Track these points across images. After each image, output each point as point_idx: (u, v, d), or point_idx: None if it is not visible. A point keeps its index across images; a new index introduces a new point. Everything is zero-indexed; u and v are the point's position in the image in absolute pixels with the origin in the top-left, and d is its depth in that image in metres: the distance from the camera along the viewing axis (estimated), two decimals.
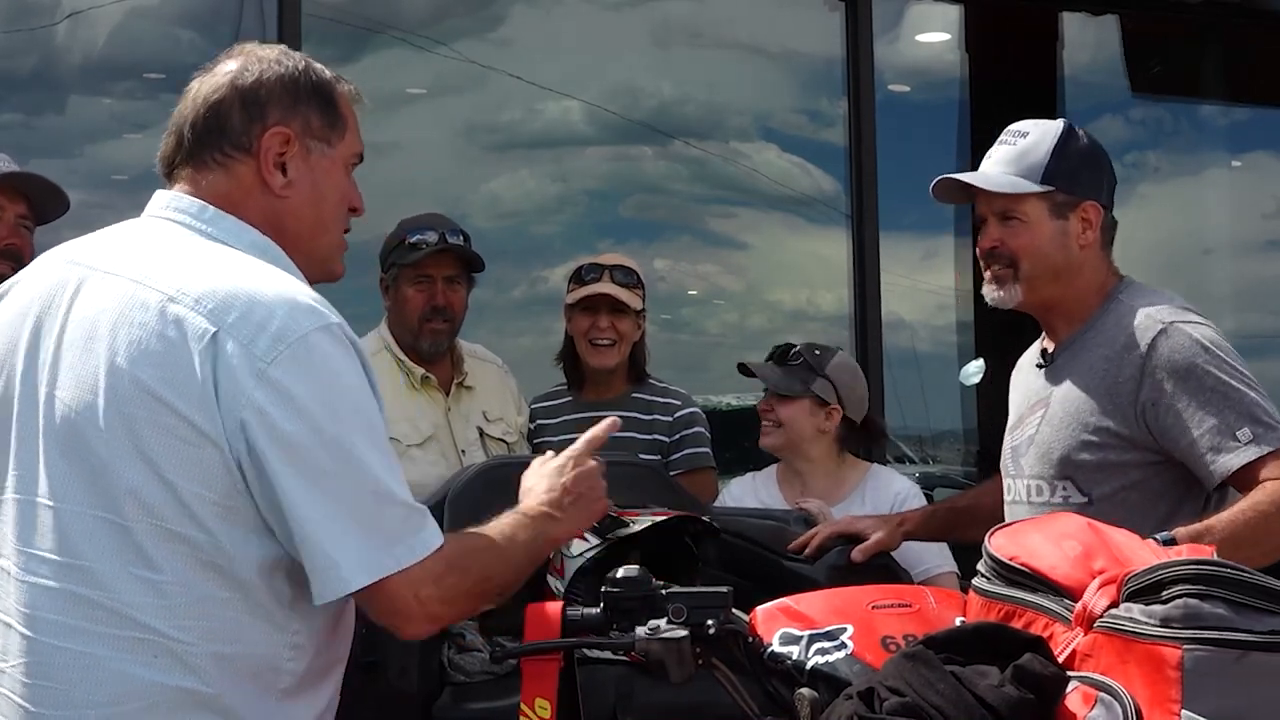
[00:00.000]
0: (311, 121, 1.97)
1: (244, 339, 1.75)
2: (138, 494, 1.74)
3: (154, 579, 1.75)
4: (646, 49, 6.36)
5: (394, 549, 1.78)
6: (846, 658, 1.98)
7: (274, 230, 1.93)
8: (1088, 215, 2.68)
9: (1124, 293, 2.71)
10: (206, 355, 1.74)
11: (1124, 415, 2.58)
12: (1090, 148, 2.73)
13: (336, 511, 1.75)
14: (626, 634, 2.02)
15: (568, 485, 2.06)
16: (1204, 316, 2.64)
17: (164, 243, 1.89)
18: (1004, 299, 2.71)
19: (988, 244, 2.72)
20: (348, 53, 5.64)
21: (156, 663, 1.75)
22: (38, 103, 5.32)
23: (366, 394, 1.82)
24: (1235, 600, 1.65)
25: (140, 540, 1.74)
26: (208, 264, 1.83)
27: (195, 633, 1.76)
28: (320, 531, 1.75)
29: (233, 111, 1.93)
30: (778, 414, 3.56)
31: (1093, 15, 6.85)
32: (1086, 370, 2.65)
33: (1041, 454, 2.69)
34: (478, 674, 2.85)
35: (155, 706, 1.74)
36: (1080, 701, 1.68)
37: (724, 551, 2.99)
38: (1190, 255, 6.95)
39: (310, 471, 1.74)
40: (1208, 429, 2.50)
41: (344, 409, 1.78)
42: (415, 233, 3.61)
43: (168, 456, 1.74)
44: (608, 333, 3.75)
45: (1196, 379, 2.52)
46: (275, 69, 1.96)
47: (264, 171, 1.93)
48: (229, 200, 1.92)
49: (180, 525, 1.75)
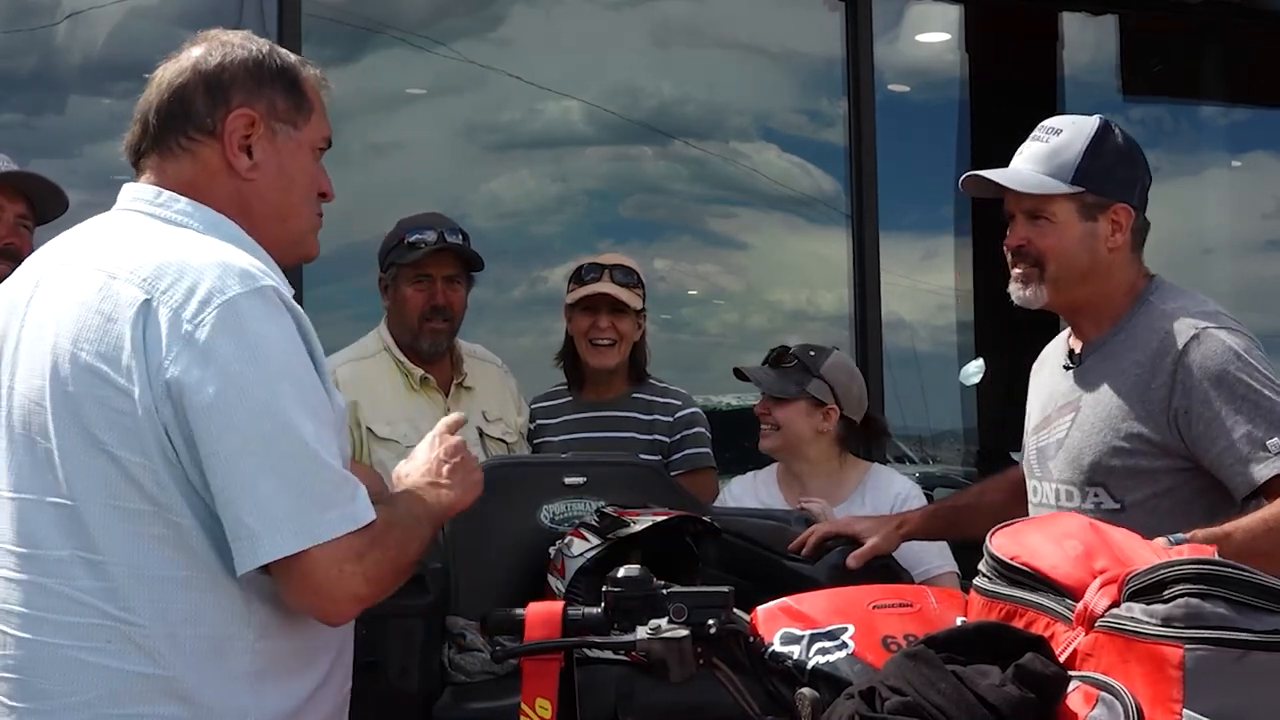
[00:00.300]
0: (277, 104, 1.96)
1: (174, 304, 1.74)
2: (86, 472, 1.74)
3: (96, 560, 1.73)
4: (646, 49, 6.37)
5: (325, 515, 1.73)
6: (847, 657, 1.97)
7: (241, 213, 1.92)
8: (1118, 218, 2.63)
9: (1154, 294, 2.66)
10: (138, 323, 1.74)
11: (1156, 422, 2.54)
12: (1125, 147, 2.67)
13: (259, 476, 1.71)
14: (627, 634, 2.02)
15: (440, 457, 2.04)
16: (1237, 321, 2.60)
17: (119, 230, 1.89)
18: (1029, 299, 2.67)
19: (1015, 242, 2.68)
20: (348, 53, 5.64)
21: (111, 648, 1.73)
22: (38, 103, 5.32)
23: (299, 358, 1.78)
24: (1237, 599, 1.64)
25: (87, 521, 1.73)
26: (151, 241, 1.83)
27: (147, 615, 1.74)
28: (241, 497, 1.71)
29: (196, 95, 1.92)
30: (775, 416, 3.56)
31: (1092, 15, 6.85)
32: (1118, 375, 2.61)
33: (1072, 459, 2.65)
34: (478, 674, 2.85)
35: (116, 694, 1.73)
36: (1081, 701, 1.67)
37: (725, 551, 2.99)
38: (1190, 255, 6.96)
39: (233, 434, 1.71)
40: (1237, 438, 2.47)
41: (271, 371, 1.74)
42: (414, 232, 3.61)
43: (108, 430, 1.73)
44: (608, 332, 3.75)
45: (1228, 387, 2.48)
46: (239, 52, 1.96)
47: (229, 154, 1.92)
48: (193, 186, 1.91)
49: (129, 500, 1.73)
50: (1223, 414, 2.48)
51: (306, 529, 1.72)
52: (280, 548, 1.71)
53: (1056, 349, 2.83)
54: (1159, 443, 2.54)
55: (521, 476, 3.17)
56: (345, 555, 1.74)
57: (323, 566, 1.73)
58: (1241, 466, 2.47)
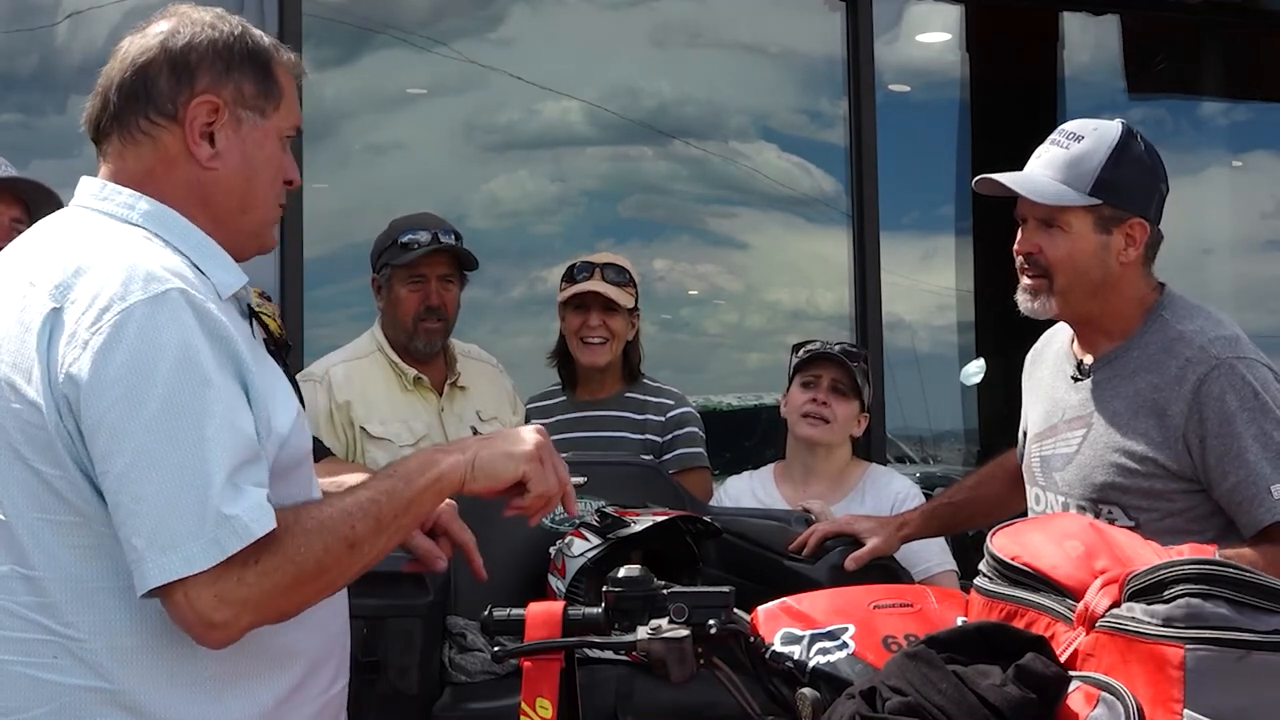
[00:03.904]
0: (244, 90, 1.87)
1: (77, 313, 1.67)
2: (14, 487, 1.69)
3: (31, 575, 1.69)
4: (646, 49, 6.37)
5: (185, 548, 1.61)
6: (848, 657, 1.98)
7: (200, 203, 1.85)
8: (1133, 232, 2.57)
9: (1167, 310, 2.61)
10: (44, 333, 1.68)
11: (1173, 449, 2.50)
12: (1147, 158, 2.60)
13: (145, 496, 1.62)
14: (628, 634, 2.02)
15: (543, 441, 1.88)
16: (1254, 348, 2.56)
17: (57, 233, 1.83)
18: (1037, 311, 2.62)
19: (1025, 248, 2.62)
20: (348, 53, 5.64)
21: (57, 664, 1.69)
22: (37, 103, 5.33)
23: (196, 367, 1.66)
24: (1237, 600, 1.65)
25: (20, 536, 1.69)
26: (75, 245, 1.77)
27: (86, 628, 1.69)
28: (129, 518, 1.63)
29: (160, 76, 1.83)
30: (834, 409, 3.58)
31: (1093, 15, 6.85)
32: (1133, 396, 2.56)
33: (1083, 476, 2.61)
34: (478, 674, 2.85)
35: (64, 709, 1.68)
36: (1082, 701, 1.68)
37: (725, 551, 3.00)
38: (1190, 254, 6.96)
39: (121, 453, 1.63)
40: (1244, 478, 2.45)
41: (161, 385, 1.63)
42: (407, 233, 3.60)
43: (27, 443, 1.68)
44: (599, 330, 3.76)
45: (1242, 425, 2.46)
46: (209, 33, 1.86)
47: (189, 141, 1.84)
48: (151, 174, 1.83)
49: (57, 513, 1.69)
50: (1234, 452, 2.46)
51: (183, 559, 1.61)
52: (166, 572, 1.61)
53: (1057, 350, 2.79)
54: (1173, 469, 2.51)
55: None
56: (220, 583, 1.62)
57: (195, 597, 1.62)
58: (1249, 506, 2.46)
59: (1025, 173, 2.63)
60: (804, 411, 3.58)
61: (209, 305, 1.72)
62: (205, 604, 1.63)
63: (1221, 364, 2.49)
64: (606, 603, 2.05)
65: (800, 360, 3.65)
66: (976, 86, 6.80)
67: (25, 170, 3.41)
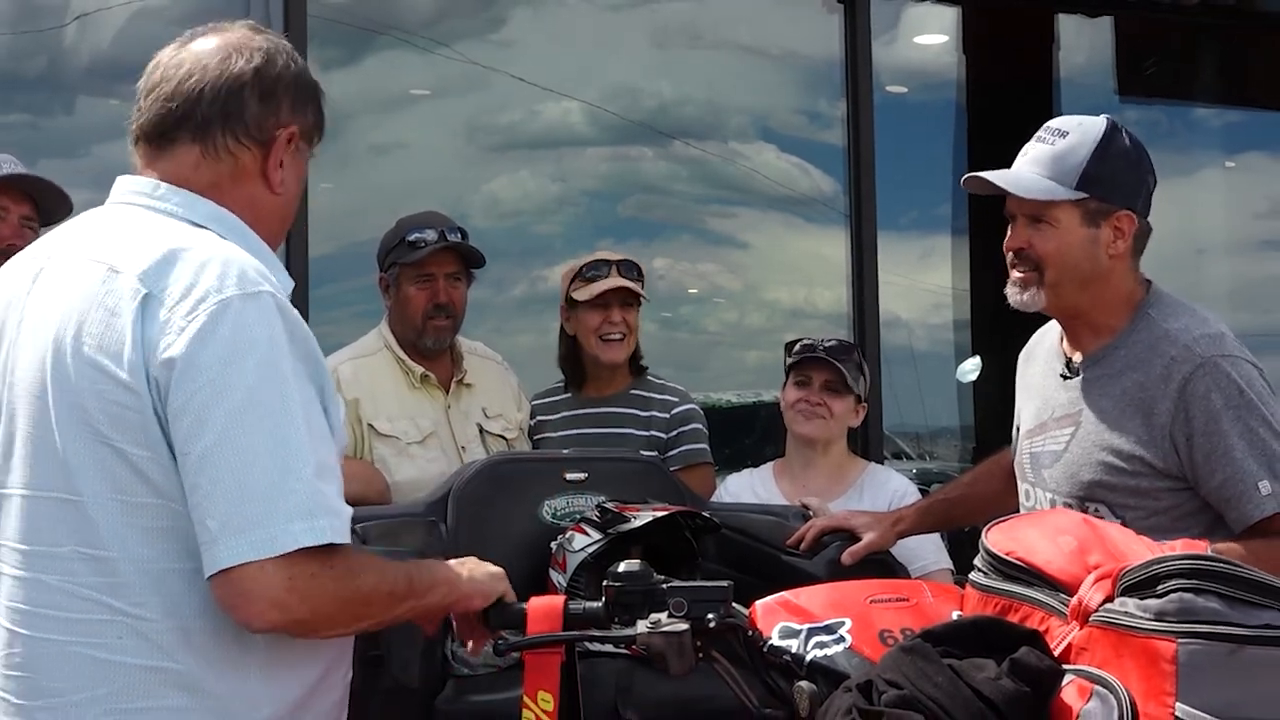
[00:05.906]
0: (308, 122, 1.97)
1: (171, 302, 1.73)
2: (91, 467, 1.74)
3: (100, 555, 1.73)
4: (646, 49, 6.37)
5: (288, 526, 1.68)
6: (845, 651, 1.99)
7: (251, 219, 1.92)
8: (1121, 225, 2.59)
9: (1153, 308, 2.62)
10: (137, 318, 1.74)
11: (1159, 447, 2.52)
12: (1132, 151, 2.62)
13: (224, 481, 1.68)
14: (628, 628, 2.04)
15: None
16: (1240, 345, 2.57)
17: (119, 224, 1.88)
18: (1026, 303, 2.64)
19: (1015, 244, 2.64)
20: (351, 54, 5.64)
21: (122, 644, 1.73)
22: (45, 103, 5.32)
23: (285, 366, 1.74)
24: (1229, 594, 1.66)
25: (94, 517, 1.73)
26: (151, 235, 1.82)
27: (156, 609, 1.74)
28: (206, 501, 1.69)
29: (252, 98, 1.90)
30: (830, 406, 3.61)
31: (1089, 17, 6.86)
32: (1120, 394, 2.58)
33: (1070, 474, 2.62)
34: (480, 667, 2.86)
35: (128, 689, 1.73)
36: (1076, 694, 1.69)
37: (724, 546, 3.02)
38: (1184, 255, 6.97)
39: (204, 437, 1.69)
40: (1231, 476, 2.47)
41: (248, 373, 1.71)
42: (415, 231, 3.63)
43: (112, 423, 1.73)
44: (620, 326, 3.75)
45: (1228, 423, 2.47)
46: (292, 65, 1.95)
47: (268, 166, 1.92)
48: (215, 186, 1.89)
49: (134, 494, 1.73)
50: (1221, 449, 2.47)
51: (263, 540, 1.68)
52: (235, 554, 1.67)
53: (1048, 348, 2.80)
54: (1160, 467, 2.53)
55: (523, 472, 3.19)
56: (296, 569, 1.69)
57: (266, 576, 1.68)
58: (1237, 503, 2.48)
59: (1012, 170, 2.65)
60: (800, 409, 3.62)
61: (295, 312, 1.80)
62: (278, 585, 1.69)
63: (1206, 362, 2.50)
64: (607, 597, 2.07)
65: (792, 361, 3.68)
66: (973, 87, 6.81)
67: (32, 171, 3.43)
